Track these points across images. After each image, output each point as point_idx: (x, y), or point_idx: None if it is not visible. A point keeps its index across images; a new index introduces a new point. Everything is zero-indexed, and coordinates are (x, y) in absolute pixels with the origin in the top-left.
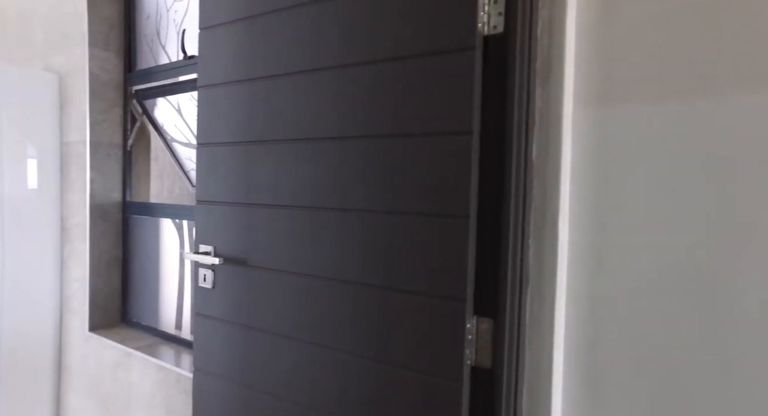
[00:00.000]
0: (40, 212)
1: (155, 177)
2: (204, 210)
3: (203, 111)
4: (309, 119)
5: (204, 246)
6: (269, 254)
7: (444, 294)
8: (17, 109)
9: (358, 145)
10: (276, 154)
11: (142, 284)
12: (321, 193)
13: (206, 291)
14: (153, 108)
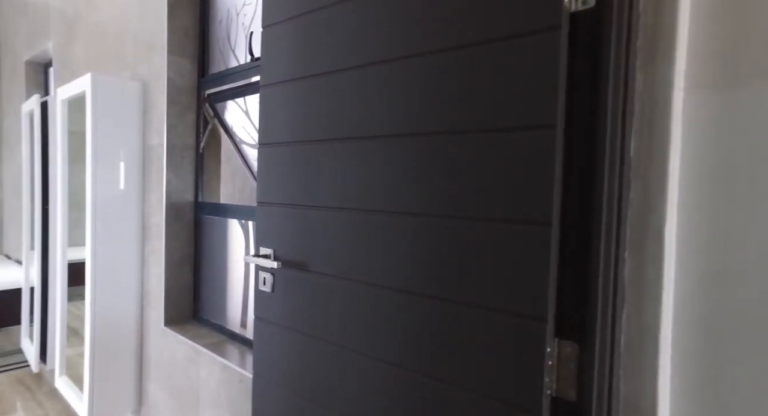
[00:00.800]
0: (127, 211)
1: (228, 178)
2: (264, 211)
3: (265, 110)
4: (370, 115)
5: (264, 249)
6: (328, 259)
7: (520, 312)
8: (112, 115)
9: (424, 142)
10: (335, 153)
11: (211, 282)
12: (381, 195)
13: (266, 294)
14: (223, 111)
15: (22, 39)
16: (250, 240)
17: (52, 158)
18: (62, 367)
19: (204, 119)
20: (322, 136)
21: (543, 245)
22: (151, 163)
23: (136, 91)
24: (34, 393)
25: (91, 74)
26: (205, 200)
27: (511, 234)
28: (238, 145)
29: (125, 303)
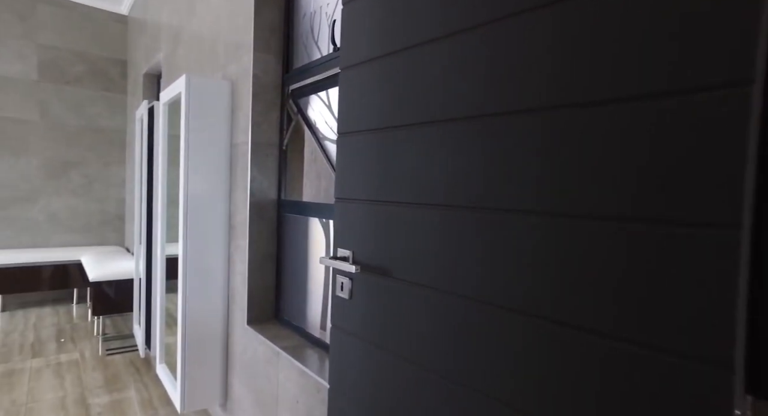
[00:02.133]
0: (214, 210)
1: (313, 178)
2: (342, 209)
3: (344, 96)
4: (469, 90)
5: (342, 251)
6: (414, 265)
7: (691, 353)
8: (203, 114)
9: (547, 118)
10: (423, 139)
11: (292, 283)
12: (487, 189)
13: (343, 301)
14: (307, 107)
15: (142, 54)
16: (330, 240)
17: (155, 159)
18: (162, 356)
19: (287, 116)
20: (409, 120)
21: (726, 256)
22: (236, 161)
23: (225, 90)
24: (142, 376)
25: (185, 75)
26: (287, 198)
27: (678, 240)
28: (321, 142)
29: (213, 300)
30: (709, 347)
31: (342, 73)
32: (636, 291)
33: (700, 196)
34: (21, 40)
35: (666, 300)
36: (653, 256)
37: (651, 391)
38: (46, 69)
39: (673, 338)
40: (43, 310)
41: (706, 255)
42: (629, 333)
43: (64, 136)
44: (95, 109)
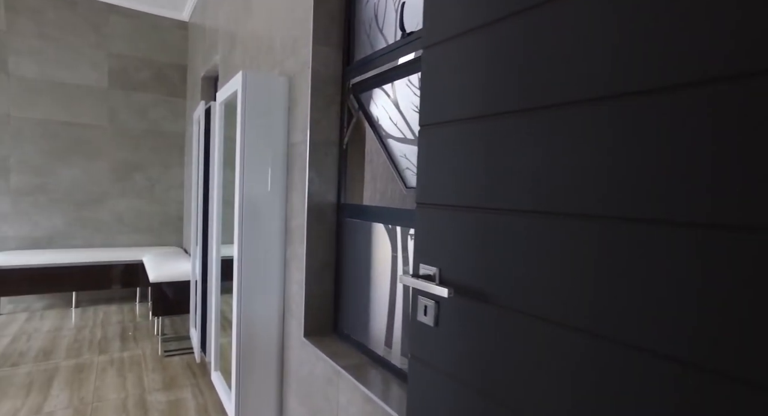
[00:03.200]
0: (271, 212)
1: (368, 180)
2: (426, 216)
3: (430, 79)
4: (603, 63)
5: (425, 267)
6: (523, 289)
7: None
8: (259, 112)
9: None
10: (541, 129)
11: (353, 294)
12: (636, 192)
13: (426, 329)
14: (369, 102)
15: (200, 58)
16: (398, 248)
17: (212, 160)
18: (216, 363)
19: (348, 112)
20: (515, 106)
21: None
22: (294, 161)
23: (282, 86)
24: (198, 380)
25: (242, 71)
26: (347, 201)
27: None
28: (384, 140)
29: (268, 309)
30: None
31: (426, 53)
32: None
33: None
34: (95, 50)
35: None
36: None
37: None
38: (115, 76)
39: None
40: (110, 308)
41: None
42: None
43: (129, 140)
44: (158, 114)
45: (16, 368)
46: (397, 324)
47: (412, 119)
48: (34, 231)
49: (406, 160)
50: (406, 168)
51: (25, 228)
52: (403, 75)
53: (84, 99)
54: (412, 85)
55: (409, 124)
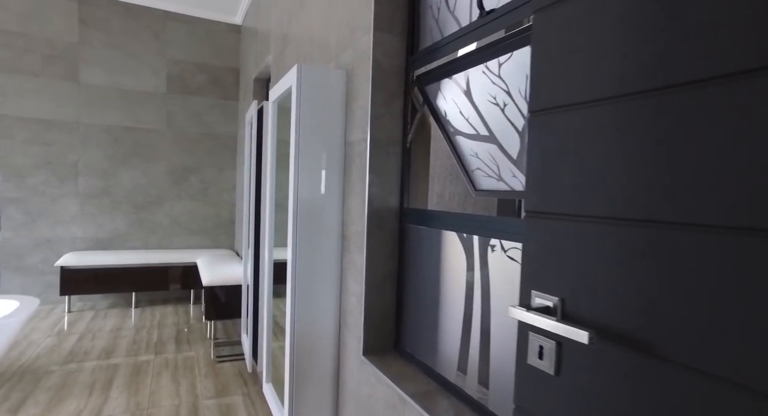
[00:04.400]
0: (326, 217)
1: (435, 182)
2: (543, 229)
3: (545, 49)
4: None
5: (541, 296)
6: (721, 344)
7: None
8: (315, 109)
9: None
10: (726, 109)
11: (418, 309)
12: None
13: (541, 375)
14: (436, 95)
15: (252, 60)
16: (474, 261)
17: (264, 161)
18: (269, 374)
19: (412, 107)
20: (682, 78)
21: None
22: (351, 162)
23: (339, 80)
24: (249, 389)
25: (296, 65)
26: (411, 206)
27: None
28: (452, 137)
29: (323, 321)
30: None
31: (540, 18)
32: None
33: None
34: (155, 57)
35: None
36: None
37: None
38: (173, 81)
39: None
40: (167, 309)
41: None
42: None
43: (185, 143)
44: (212, 117)
45: (82, 366)
46: (474, 348)
47: (489, 113)
48: (98, 233)
49: (477, 159)
50: (476, 168)
51: (91, 229)
52: (480, 61)
53: (144, 104)
54: (490, 72)
55: (484, 119)
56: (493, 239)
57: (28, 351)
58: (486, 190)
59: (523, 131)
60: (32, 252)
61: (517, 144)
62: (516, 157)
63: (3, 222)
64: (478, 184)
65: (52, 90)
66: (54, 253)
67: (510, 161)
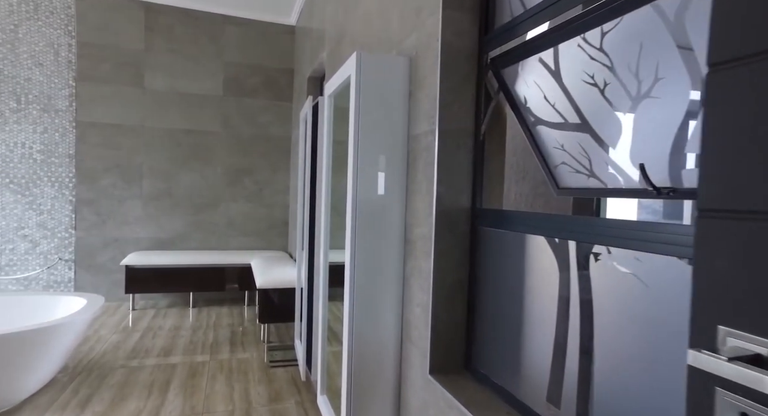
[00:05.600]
0: (387, 219)
1: (514, 179)
2: (734, 235)
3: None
4: None
5: (742, 338)
6: None
7: None
8: (376, 101)
9: None
10: None
11: (494, 323)
12: None
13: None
14: (514, 79)
15: (306, 58)
16: (571, 272)
17: (319, 159)
18: (323, 386)
19: (486, 94)
20: None
21: None
22: (415, 157)
23: (402, 68)
24: (302, 398)
25: (356, 53)
26: (485, 206)
27: None
28: (531, 128)
29: (383, 333)
30: None
31: None
32: None
33: None
34: (213, 60)
35: None
36: None
37: None
38: (229, 84)
39: None
40: (222, 309)
41: None
42: None
43: (240, 145)
44: (266, 118)
45: (143, 363)
46: (570, 375)
47: (584, 96)
48: (159, 233)
49: (562, 152)
50: (561, 163)
51: (153, 230)
52: (576, 33)
53: (202, 107)
54: (588, 45)
55: (576, 104)
56: (597, 246)
57: (96, 346)
58: (573, 189)
59: (627, 115)
60: (102, 251)
61: (619, 131)
62: (616, 147)
63: (77, 223)
64: (561, 181)
65: (120, 96)
66: (120, 253)
67: (607, 153)
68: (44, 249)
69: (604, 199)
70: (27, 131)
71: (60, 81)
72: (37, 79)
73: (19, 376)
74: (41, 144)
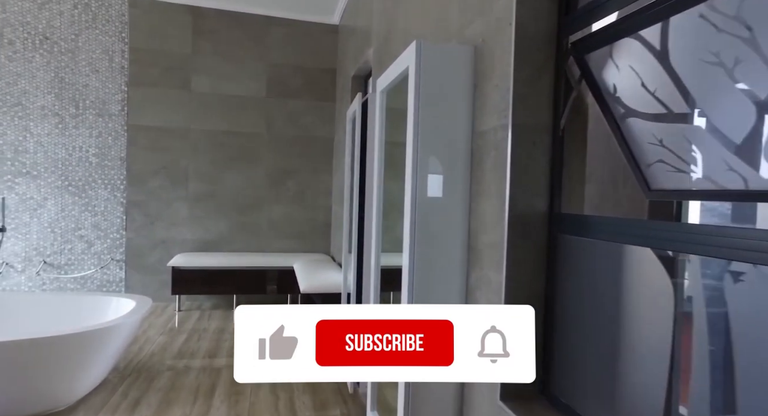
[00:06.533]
0: (445, 225)
1: (579, 178)
2: None
3: None
4: None
5: None
6: None
7: None
8: (436, 95)
9: None
10: None
11: (579, 345)
12: None
13: None
14: (602, 65)
15: (350, 57)
16: (697, 294)
17: (369, 159)
18: (374, 402)
19: (565, 83)
20: None
21: None
22: (482, 156)
23: (465, 58)
24: (348, 409)
25: (415, 42)
26: (564, 210)
27: None
28: (620, 121)
29: None
30: None
31: None
32: None
33: None
34: (257, 62)
35: None
36: None
37: None
38: (272, 85)
39: None
40: None
41: None
42: None
43: (283, 147)
44: (308, 119)
45: (189, 366)
46: (700, 407)
47: (701, 79)
48: (205, 235)
49: (659, 148)
50: (656, 161)
51: (199, 231)
52: (691, 4)
53: (246, 109)
54: (717, 13)
55: (687, 89)
56: (741, 263)
57: (145, 347)
58: (672, 191)
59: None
60: (150, 252)
61: (750, 121)
62: (741, 141)
63: (128, 224)
64: (654, 182)
65: (168, 99)
66: (167, 254)
67: (728, 148)
68: (98, 250)
69: (686, 202)
70: (84, 135)
71: (113, 86)
72: (94, 85)
73: (76, 376)
74: (96, 147)
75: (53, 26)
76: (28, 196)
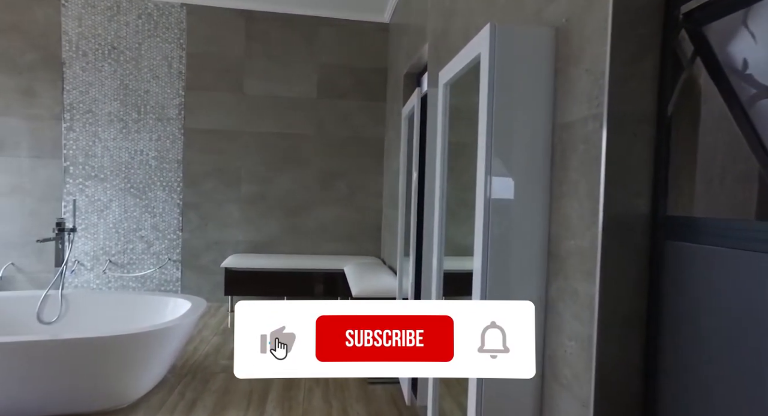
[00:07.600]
0: (521, 228)
1: (689, 175)
2: None
3: None
4: None
5: None
6: None
7: None
8: (514, 82)
9: None
10: None
11: (692, 370)
12: None
13: None
14: (726, 38)
15: (403, 55)
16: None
17: (429, 157)
18: (435, 415)
19: (674, 63)
20: None
21: None
22: (564, 151)
23: (546, 41)
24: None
25: (489, 25)
26: (672, 213)
27: None
28: (747, 105)
29: None
30: None
31: None
32: None
33: None
34: (307, 63)
35: None
36: None
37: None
38: (322, 86)
39: None
40: None
41: None
42: None
43: (332, 148)
44: (358, 120)
45: None
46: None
47: None
48: (256, 237)
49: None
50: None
51: (251, 233)
52: None
53: (296, 110)
54: None
55: None
56: None
57: (200, 347)
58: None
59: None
60: (205, 253)
61: None
62: None
63: (184, 225)
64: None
65: (222, 102)
66: (221, 255)
67: None
68: (157, 250)
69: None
70: (144, 139)
71: (171, 91)
72: (154, 91)
73: (137, 374)
74: (155, 151)
75: (120, 36)
76: (95, 198)
